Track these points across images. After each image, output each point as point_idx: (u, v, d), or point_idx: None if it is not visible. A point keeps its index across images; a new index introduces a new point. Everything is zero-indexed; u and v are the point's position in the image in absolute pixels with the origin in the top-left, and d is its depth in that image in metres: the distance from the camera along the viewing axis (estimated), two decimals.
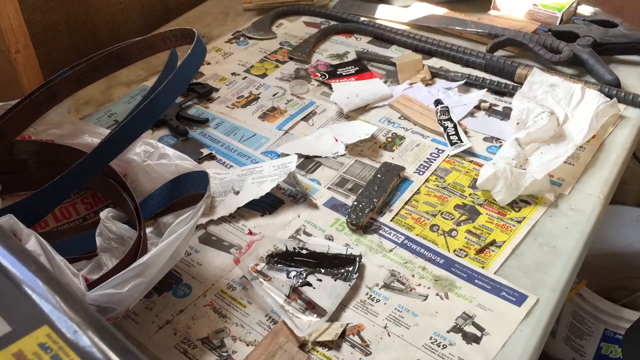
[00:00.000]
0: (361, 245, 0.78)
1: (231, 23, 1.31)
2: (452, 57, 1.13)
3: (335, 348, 0.66)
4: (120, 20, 1.25)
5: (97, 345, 0.33)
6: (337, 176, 0.89)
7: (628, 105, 1.00)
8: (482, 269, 0.74)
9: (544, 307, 0.70)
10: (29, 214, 0.67)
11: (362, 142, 0.95)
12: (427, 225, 0.81)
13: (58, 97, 0.78)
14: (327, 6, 1.33)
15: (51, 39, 1.13)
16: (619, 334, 1.33)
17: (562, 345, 1.45)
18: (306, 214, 0.83)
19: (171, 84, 0.74)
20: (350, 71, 1.11)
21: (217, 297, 0.72)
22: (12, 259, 0.38)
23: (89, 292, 0.57)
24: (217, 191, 0.86)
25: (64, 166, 0.68)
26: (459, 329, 0.68)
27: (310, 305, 0.69)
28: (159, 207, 0.76)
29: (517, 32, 1.15)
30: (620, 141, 0.93)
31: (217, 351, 0.66)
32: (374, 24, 1.23)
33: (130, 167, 0.78)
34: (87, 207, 0.82)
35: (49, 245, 0.58)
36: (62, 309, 0.35)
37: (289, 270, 0.73)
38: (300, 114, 1.02)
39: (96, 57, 0.81)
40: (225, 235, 0.80)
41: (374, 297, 0.71)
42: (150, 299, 0.72)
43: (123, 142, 0.72)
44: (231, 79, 1.12)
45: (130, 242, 0.68)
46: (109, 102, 1.07)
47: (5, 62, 1.00)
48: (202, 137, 0.98)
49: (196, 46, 0.78)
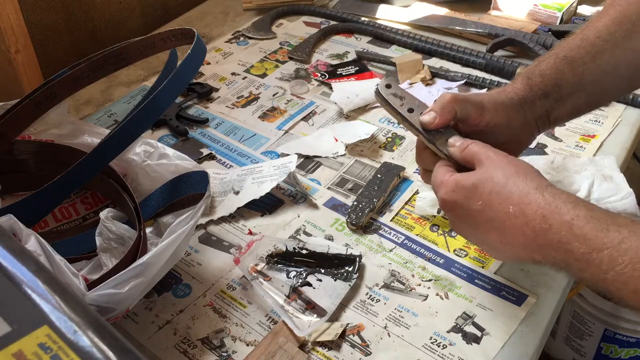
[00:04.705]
0: (361, 245, 0.78)
1: (231, 23, 1.31)
2: (452, 57, 1.13)
3: (335, 348, 0.66)
4: (120, 20, 1.25)
5: (97, 345, 0.33)
6: (337, 176, 0.89)
7: (628, 105, 1.00)
8: (482, 269, 0.74)
9: (544, 307, 0.70)
10: (29, 214, 0.67)
11: (362, 142, 0.95)
12: (427, 225, 0.81)
13: (58, 97, 0.78)
14: (327, 6, 1.33)
15: (51, 39, 1.13)
16: (619, 334, 1.32)
17: (562, 345, 1.45)
18: (306, 214, 0.83)
19: (171, 84, 0.74)
20: (350, 71, 1.11)
21: (217, 297, 0.72)
22: (12, 259, 0.38)
23: (89, 292, 0.57)
24: (217, 191, 0.86)
25: (64, 166, 0.68)
26: (459, 329, 0.68)
27: (310, 305, 0.69)
28: (159, 207, 0.76)
29: (517, 32, 1.15)
30: (620, 141, 0.93)
31: (217, 351, 0.66)
32: (374, 24, 1.23)
33: (130, 167, 0.78)
34: (87, 207, 0.82)
35: (48, 245, 0.58)
36: (62, 309, 0.35)
37: (289, 270, 0.73)
38: (300, 114, 1.02)
39: (96, 57, 0.81)
40: (225, 235, 0.80)
41: (374, 297, 0.71)
42: (150, 299, 0.72)
43: (123, 142, 0.72)
44: (231, 78, 1.12)
45: (130, 242, 0.68)
46: (109, 102, 1.07)
47: (5, 62, 1.00)
48: (202, 137, 0.98)
49: (196, 46, 0.78)
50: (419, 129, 0.64)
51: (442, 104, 0.63)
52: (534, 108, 0.67)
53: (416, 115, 0.64)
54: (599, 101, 0.75)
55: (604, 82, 0.69)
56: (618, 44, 0.67)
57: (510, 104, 0.66)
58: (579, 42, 0.68)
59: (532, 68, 0.69)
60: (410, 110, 0.64)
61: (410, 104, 0.65)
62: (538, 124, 0.68)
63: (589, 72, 0.67)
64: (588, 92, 0.68)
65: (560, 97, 0.67)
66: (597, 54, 0.67)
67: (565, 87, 0.67)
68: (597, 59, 0.67)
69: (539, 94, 0.67)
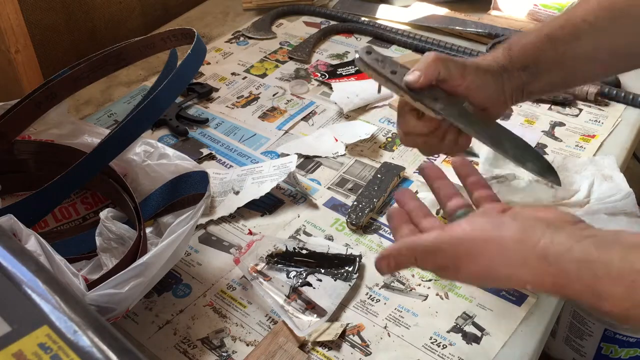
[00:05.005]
0: (361, 245, 0.78)
1: (231, 23, 1.31)
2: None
3: (335, 348, 0.66)
4: (120, 20, 1.25)
5: (97, 345, 0.33)
6: (337, 176, 0.89)
7: (628, 105, 1.00)
8: None
9: (544, 307, 0.70)
10: (29, 214, 0.67)
11: (362, 142, 0.95)
12: None
13: (58, 97, 0.79)
14: (327, 6, 1.33)
15: (51, 39, 1.13)
16: (619, 334, 1.32)
17: (562, 345, 1.45)
18: (306, 214, 0.83)
19: (171, 84, 0.74)
20: (350, 71, 1.11)
21: (217, 297, 0.72)
22: (12, 259, 0.38)
23: (89, 292, 0.57)
24: (217, 191, 0.86)
25: (64, 166, 0.69)
26: (459, 329, 0.68)
27: (310, 305, 0.69)
28: (159, 207, 0.76)
29: (517, 32, 1.15)
30: (620, 141, 0.93)
31: (217, 351, 0.66)
32: (374, 24, 1.23)
33: (130, 167, 0.78)
34: (87, 207, 0.82)
35: (48, 245, 0.58)
36: (62, 309, 0.35)
37: (289, 270, 0.73)
38: (300, 114, 1.02)
39: (96, 57, 0.81)
40: (225, 235, 0.80)
41: (374, 297, 0.71)
42: (150, 299, 0.72)
43: (123, 142, 0.72)
44: (231, 78, 1.12)
45: (130, 242, 0.68)
46: (109, 102, 1.07)
47: (5, 62, 1.00)
48: (202, 137, 0.98)
49: (196, 46, 0.78)
50: (405, 89, 0.65)
51: (426, 63, 0.64)
52: (511, 78, 0.67)
53: (400, 76, 0.65)
54: (575, 81, 0.76)
55: (583, 64, 0.69)
56: (601, 28, 0.67)
57: (491, 70, 0.66)
58: (563, 22, 0.69)
59: (515, 40, 0.69)
60: (393, 72, 0.66)
61: (392, 66, 0.66)
62: (513, 95, 0.68)
63: (570, 53, 0.67)
64: (566, 72, 0.69)
65: (537, 72, 0.68)
66: (579, 36, 0.67)
67: (543, 63, 0.67)
68: (579, 40, 0.67)
69: (517, 65, 0.67)
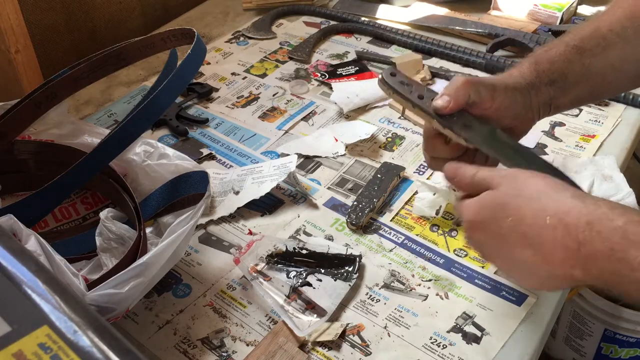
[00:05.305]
0: (361, 245, 0.78)
1: (231, 23, 1.31)
2: (452, 57, 1.13)
3: (335, 348, 0.66)
4: (120, 20, 1.25)
5: (97, 345, 0.33)
6: (337, 176, 0.89)
7: (628, 105, 1.00)
8: (482, 269, 0.74)
9: (544, 307, 0.70)
10: (29, 214, 0.67)
11: (362, 142, 0.95)
12: (427, 225, 0.81)
13: (58, 97, 0.79)
14: (327, 6, 1.33)
15: (51, 39, 1.13)
16: (619, 334, 1.32)
17: (562, 345, 1.45)
18: (306, 214, 0.83)
19: (171, 84, 0.74)
20: (350, 71, 1.11)
21: (217, 297, 0.72)
22: (12, 259, 0.38)
23: (89, 292, 0.57)
24: (217, 191, 0.86)
25: (64, 166, 0.68)
26: (459, 329, 0.68)
27: (310, 305, 0.69)
28: (159, 207, 0.76)
29: (517, 32, 1.15)
30: (620, 141, 0.93)
31: (217, 351, 0.66)
32: (374, 24, 1.23)
33: (130, 167, 0.78)
34: (87, 207, 0.82)
35: (48, 245, 0.58)
36: (62, 309, 0.35)
37: (289, 270, 0.73)
38: (300, 114, 1.02)
39: (96, 57, 0.81)
40: (225, 235, 0.80)
41: (374, 297, 0.71)
42: (150, 299, 0.72)
43: (123, 142, 0.72)
44: (231, 78, 1.12)
45: (130, 242, 0.68)
46: (109, 102, 1.07)
47: (5, 62, 1.00)
48: (202, 137, 0.98)
49: (196, 46, 0.78)
50: (433, 115, 0.62)
51: (456, 88, 0.61)
52: (539, 94, 0.66)
53: (427, 101, 0.62)
54: (602, 94, 0.74)
55: (610, 76, 0.68)
56: (629, 39, 0.66)
57: (519, 87, 0.65)
58: (590, 32, 0.67)
59: (541, 54, 0.67)
60: (420, 97, 0.63)
61: (418, 90, 0.63)
62: (540, 110, 0.67)
63: (597, 65, 0.66)
64: (593, 84, 0.68)
65: (565, 86, 0.66)
66: (607, 47, 0.66)
67: (571, 77, 0.66)
68: (606, 52, 0.66)
69: (545, 80, 0.65)
